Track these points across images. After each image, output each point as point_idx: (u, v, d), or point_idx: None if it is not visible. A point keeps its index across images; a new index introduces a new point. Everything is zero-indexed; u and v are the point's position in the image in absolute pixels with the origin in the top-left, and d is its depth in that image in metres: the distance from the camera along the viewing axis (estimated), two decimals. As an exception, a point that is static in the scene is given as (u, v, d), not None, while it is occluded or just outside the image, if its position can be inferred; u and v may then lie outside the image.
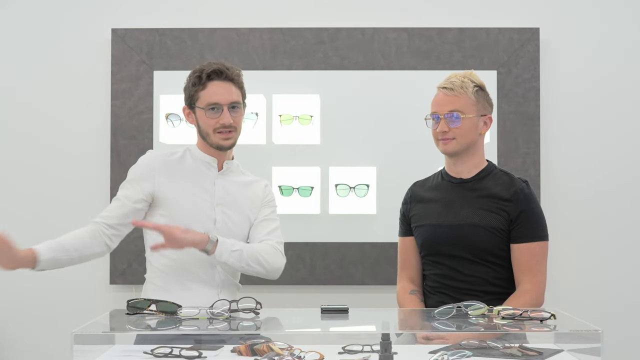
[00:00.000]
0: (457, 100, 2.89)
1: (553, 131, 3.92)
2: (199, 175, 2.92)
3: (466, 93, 2.89)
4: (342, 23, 3.93)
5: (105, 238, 2.83)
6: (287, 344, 2.37)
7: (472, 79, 2.92)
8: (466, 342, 2.35)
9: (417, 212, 3.00)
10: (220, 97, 2.87)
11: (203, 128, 2.90)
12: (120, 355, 2.37)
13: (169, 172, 2.90)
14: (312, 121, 3.87)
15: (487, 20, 3.93)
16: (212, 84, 2.87)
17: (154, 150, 3.01)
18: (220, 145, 2.90)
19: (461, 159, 2.94)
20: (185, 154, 2.96)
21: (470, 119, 2.89)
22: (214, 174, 2.93)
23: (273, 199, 3.04)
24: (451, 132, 2.88)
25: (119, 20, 3.93)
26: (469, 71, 2.97)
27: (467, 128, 2.89)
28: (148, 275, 2.94)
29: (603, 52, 3.93)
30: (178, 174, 2.91)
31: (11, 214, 3.93)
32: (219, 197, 2.91)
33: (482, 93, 2.93)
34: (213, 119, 2.86)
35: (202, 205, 2.88)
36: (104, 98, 3.93)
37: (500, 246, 2.87)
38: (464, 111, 2.88)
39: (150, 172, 2.88)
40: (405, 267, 3.04)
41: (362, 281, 3.89)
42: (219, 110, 2.87)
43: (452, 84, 2.90)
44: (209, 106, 2.87)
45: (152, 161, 2.91)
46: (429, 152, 3.82)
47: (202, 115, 2.88)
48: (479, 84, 2.93)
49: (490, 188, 2.91)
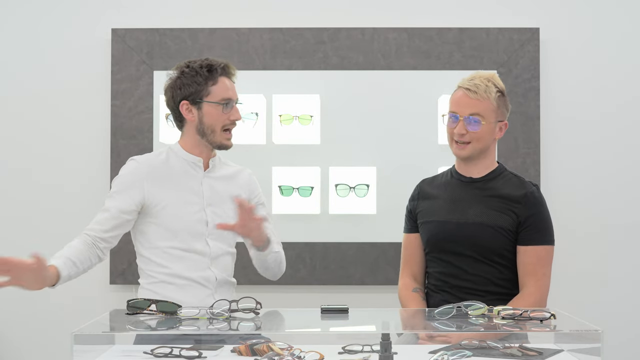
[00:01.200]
0: (479, 104, 2.84)
1: (553, 131, 3.92)
2: (185, 177, 2.87)
3: (489, 98, 2.84)
4: (342, 23, 3.93)
5: (98, 251, 2.79)
6: (287, 344, 2.37)
7: (495, 82, 2.87)
8: (466, 342, 2.35)
9: (425, 208, 2.99)
10: (232, 92, 2.87)
11: (210, 124, 2.84)
12: (120, 355, 2.37)
13: (156, 178, 2.84)
14: (312, 121, 3.87)
15: (487, 20, 3.93)
16: (222, 79, 2.85)
17: (135, 158, 2.91)
18: (223, 145, 2.87)
19: (472, 161, 2.92)
20: (169, 155, 2.90)
21: (489, 125, 2.85)
22: (200, 174, 2.89)
23: (260, 192, 3.02)
24: (468, 135, 2.85)
25: (119, 20, 3.93)
26: (492, 73, 2.93)
27: (484, 133, 2.86)
28: (142, 281, 2.90)
29: (603, 52, 3.92)
30: (165, 179, 2.85)
31: (11, 214, 3.93)
32: (207, 198, 2.87)
33: (503, 98, 2.89)
34: (226, 114, 2.84)
35: (192, 208, 2.85)
36: (104, 98, 3.92)
37: (507, 247, 2.87)
38: (485, 116, 2.84)
39: (138, 181, 2.83)
40: (408, 264, 3.04)
41: (362, 281, 3.89)
42: (230, 106, 2.85)
43: (477, 87, 2.84)
44: (224, 101, 2.84)
45: (138, 169, 2.85)
46: (429, 151, 3.84)
47: (213, 110, 2.83)
48: (501, 88, 2.89)
49: (500, 188, 2.90)
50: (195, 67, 2.83)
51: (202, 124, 2.85)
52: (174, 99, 2.86)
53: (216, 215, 2.87)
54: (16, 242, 3.92)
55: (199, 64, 2.84)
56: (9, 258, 2.50)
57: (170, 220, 2.83)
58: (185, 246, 2.84)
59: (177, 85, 2.85)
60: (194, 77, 2.83)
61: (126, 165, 2.89)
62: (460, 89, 2.89)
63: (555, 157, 3.92)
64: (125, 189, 2.83)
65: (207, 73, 2.83)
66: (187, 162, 2.88)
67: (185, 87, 2.83)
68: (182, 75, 2.84)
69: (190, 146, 2.89)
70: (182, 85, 2.84)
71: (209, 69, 2.83)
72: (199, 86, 2.83)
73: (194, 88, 2.83)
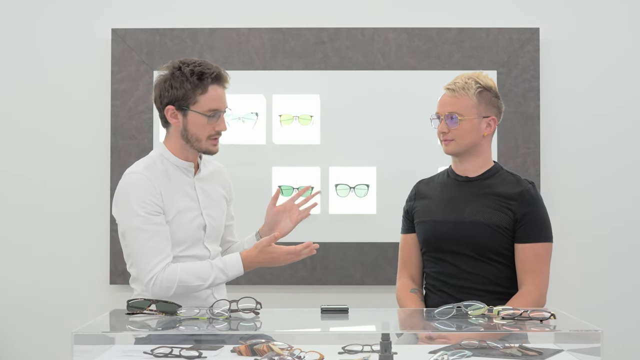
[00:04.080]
0: (457, 102, 2.89)
1: (553, 131, 3.92)
2: (181, 183, 2.81)
3: (467, 94, 2.89)
4: (342, 23, 3.93)
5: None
6: (287, 344, 2.37)
7: (477, 79, 2.91)
8: (466, 342, 2.35)
9: (421, 208, 3.00)
10: (220, 103, 2.77)
11: (194, 133, 2.75)
12: (120, 355, 2.37)
13: (161, 186, 2.77)
14: (312, 121, 3.87)
15: (487, 20, 3.93)
16: (212, 88, 2.75)
17: (135, 169, 2.78)
18: (210, 151, 2.80)
19: (465, 158, 2.94)
20: (163, 162, 2.81)
21: (470, 121, 2.89)
22: (192, 179, 2.84)
23: (232, 189, 3.03)
24: (450, 133, 2.90)
25: (119, 20, 3.93)
26: (478, 72, 2.97)
27: (465, 130, 2.89)
28: (138, 288, 2.80)
29: (603, 52, 3.92)
30: (168, 187, 2.78)
31: (10, 214, 3.93)
32: (202, 202, 2.84)
33: (487, 94, 2.91)
34: (211, 125, 2.76)
35: (192, 214, 2.81)
36: (104, 98, 3.92)
37: (504, 245, 2.87)
38: (463, 113, 2.89)
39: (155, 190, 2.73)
40: (406, 265, 3.04)
41: (362, 281, 3.89)
42: (216, 117, 2.76)
43: (455, 84, 2.91)
44: (211, 112, 2.75)
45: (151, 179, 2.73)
46: (429, 151, 3.84)
47: (199, 120, 2.74)
48: (484, 85, 2.91)
49: (496, 186, 2.91)
50: (186, 72, 2.72)
51: (187, 131, 2.76)
52: (161, 99, 2.78)
53: (211, 218, 2.85)
54: (16, 242, 3.92)
55: (190, 68, 2.72)
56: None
57: (175, 231, 2.76)
58: (186, 253, 2.79)
59: (165, 87, 2.75)
60: (182, 82, 2.72)
61: (133, 178, 2.75)
62: (443, 90, 2.96)
63: (555, 157, 3.91)
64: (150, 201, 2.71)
65: (197, 81, 2.72)
66: (179, 168, 2.82)
67: (173, 90, 2.74)
68: (172, 78, 2.74)
69: (177, 150, 2.81)
70: (169, 88, 2.74)
71: (200, 76, 2.72)
72: (186, 92, 2.72)
73: (181, 94, 2.73)
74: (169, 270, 2.69)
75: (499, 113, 2.96)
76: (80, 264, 3.92)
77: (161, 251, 2.70)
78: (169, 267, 2.70)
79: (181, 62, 2.77)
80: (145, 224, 2.70)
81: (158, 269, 2.68)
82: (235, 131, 3.81)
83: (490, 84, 2.93)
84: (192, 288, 2.72)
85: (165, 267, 2.69)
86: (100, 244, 3.88)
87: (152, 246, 2.70)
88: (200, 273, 2.72)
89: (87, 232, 3.90)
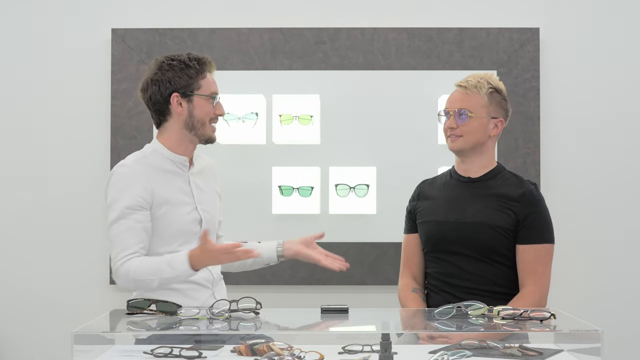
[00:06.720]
0: (469, 99, 2.92)
1: (553, 131, 3.92)
2: (176, 178, 2.84)
3: (479, 93, 2.91)
4: (342, 23, 3.93)
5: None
6: (287, 344, 2.37)
7: (489, 80, 2.95)
8: (466, 342, 2.35)
9: (423, 208, 3.01)
10: (216, 87, 2.87)
11: (200, 117, 2.81)
12: (120, 355, 2.37)
13: (152, 180, 2.78)
14: (312, 121, 3.87)
15: (487, 20, 3.93)
16: (208, 73, 2.85)
17: (124, 162, 2.82)
18: (211, 138, 2.86)
19: (469, 157, 2.95)
20: (156, 156, 2.84)
21: (479, 119, 2.90)
22: (186, 174, 2.87)
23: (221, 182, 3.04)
24: (459, 129, 2.91)
25: (119, 20, 3.93)
26: (490, 73, 3.02)
27: (474, 127, 2.91)
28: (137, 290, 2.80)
29: (603, 52, 3.92)
30: (159, 181, 2.80)
31: (10, 214, 3.93)
32: (197, 197, 2.86)
33: (497, 96, 2.95)
34: (213, 109, 2.84)
35: (187, 208, 2.82)
36: (104, 98, 3.92)
37: (506, 245, 2.88)
38: (473, 110, 2.91)
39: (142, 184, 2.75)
40: (408, 265, 3.05)
41: (362, 281, 3.89)
42: (217, 100, 2.85)
43: (467, 82, 2.94)
44: (213, 94, 2.84)
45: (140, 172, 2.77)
46: (429, 151, 3.84)
47: (204, 104, 2.82)
48: (496, 87, 2.95)
49: (499, 187, 2.92)
50: (184, 60, 2.81)
51: (192, 117, 2.82)
52: (161, 92, 2.81)
53: (207, 214, 2.87)
54: (16, 242, 3.92)
55: (186, 56, 2.82)
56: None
57: (169, 224, 2.78)
58: (182, 249, 2.79)
59: (165, 79, 2.80)
60: (184, 69, 2.80)
61: (122, 170, 2.78)
62: (454, 87, 2.98)
63: (555, 157, 3.91)
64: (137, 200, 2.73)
65: (198, 66, 2.81)
66: (173, 162, 2.84)
67: (176, 79, 2.80)
68: (171, 68, 2.80)
69: (173, 144, 2.84)
70: (171, 78, 2.80)
71: (199, 62, 2.82)
72: (190, 79, 2.80)
73: (185, 81, 2.80)
74: (127, 264, 2.69)
75: (507, 116, 2.99)
76: (80, 264, 3.92)
77: (128, 247, 2.70)
78: (129, 261, 2.69)
79: (169, 55, 2.85)
80: (122, 218, 2.72)
81: (119, 263, 2.70)
82: (235, 131, 3.81)
83: (500, 87, 2.98)
84: (147, 282, 2.70)
85: (126, 262, 2.69)
86: (100, 244, 3.87)
87: (121, 240, 2.71)
88: (152, 267, 2.70)
89: (87, 232, 3.90)
